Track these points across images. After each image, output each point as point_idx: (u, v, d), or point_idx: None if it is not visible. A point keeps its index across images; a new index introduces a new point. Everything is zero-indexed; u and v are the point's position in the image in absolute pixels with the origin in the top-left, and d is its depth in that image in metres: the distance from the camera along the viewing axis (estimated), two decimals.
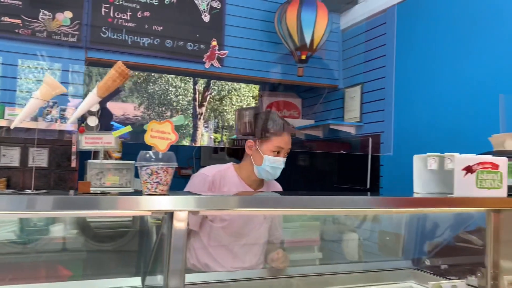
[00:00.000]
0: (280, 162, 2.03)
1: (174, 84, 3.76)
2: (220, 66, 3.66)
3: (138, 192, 1.21)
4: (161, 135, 1.16)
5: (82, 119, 2.60)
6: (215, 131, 4.11)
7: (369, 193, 3.38)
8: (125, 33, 3.30)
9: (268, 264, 2.05)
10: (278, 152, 2.03)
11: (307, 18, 3.47)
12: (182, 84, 3.79)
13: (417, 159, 1.69)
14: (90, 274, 2.00)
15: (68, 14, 3.11)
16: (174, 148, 1.32)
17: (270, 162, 2.01)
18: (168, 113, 3.90)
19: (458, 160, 1.54)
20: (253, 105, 4.35)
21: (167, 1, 3.46)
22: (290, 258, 2.11)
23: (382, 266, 2.21)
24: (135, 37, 3.34)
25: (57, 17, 3.09)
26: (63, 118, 2.98)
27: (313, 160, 4.50)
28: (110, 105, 3.70)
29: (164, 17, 3.44)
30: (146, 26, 3.37)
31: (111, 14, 3.27)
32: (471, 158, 1.56)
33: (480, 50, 2.78)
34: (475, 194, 1.56)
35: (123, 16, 3.30)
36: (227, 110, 4.23)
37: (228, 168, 2.12)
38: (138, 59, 3.39)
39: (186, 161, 5.36)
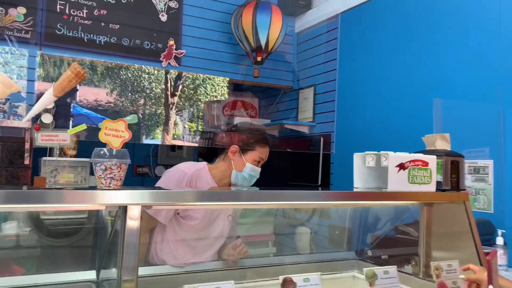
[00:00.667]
0: (258, 172, 2.15)
1: (147, 70, 3.74)
2: (177, 65, 3.72)
3: (92, 187, 1.28)
4: (115, 133, 1.23)
5: (36, 116, 2.61)
6: (190, 120, 4.11)
7: (319, 188, 3.55)
8: (81, 30, 3.30)
9: (227, 255, 2.11)
10: (258, 162, 2.14)
11: (262, 21, 3.59)
12: (156, 72, 3.78)
13: (356, 157, 1.83)
14: (44, 269, 2.02)
15: (22, 10, 3.07)
16: (131, 146, 1.38)
17: (251, 170, 2.12)
18: (142, 101, 3.85)
19: (392, 158, 1.69)
20: (226, 95, 4.42)
21: (124, 0, 3.48)
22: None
23: (329, 257, 2.35)
24: (91, 35, 3.34)
25: (10, 13, 3.04)
26: (15, 114, 2.94)
27: (268, 159, 4.63)
28: (81, 90, 3.65)
29: (121, 16, 3.46)
30: (102, 24, 3.37)
31: (67, 11, 3.26)
32: (404, 156, 1.72)
33: (418, 57, 3.00)
34: (407, 188, 1.72)
35: (79, 13, 3.29)
36: (201, 100, 4.23)
37: (203, 168, 2.16)
38: (95, 56, 3.39)
39: (143, 159, 5.35)
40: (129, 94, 3.89)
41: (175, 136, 4.18)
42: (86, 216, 2.94)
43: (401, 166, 1.71)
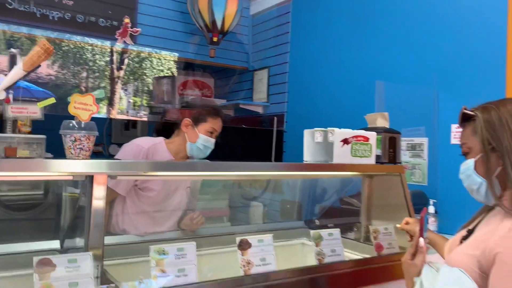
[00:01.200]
0: (212, 143, 2.24)
1: (90, 42, 3.66)
2: (133, 43, 3.72)
3: (62, 157, 1.36)
4: (83, 107, 1.31)
5: None
6: (135, 95, 4.06)
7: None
8: (34, 5, 3.23)
9: (185, 225, 2.23)
10: (211, 133, 2.24)
11: (218, 1, 3.66)
12: (99, 43, 3.70)
13: (306, 133, 2.00)
14: (4, 241, 2.03)
15: None
16: None
17: (204, 141, 2.21)
18: (84, 74, 3.76)
19: (337, 133, 1.88)
20: (174, 69, 4.43)
21: None
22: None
23: (281, 227, 2.54)
24: (44, 10, 3.28)
25: None
26: None
27: (223, 138, 4.75)
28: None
29: None
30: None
31: None
32: (347, 132, 1.91)
33: (364, 43, 3.22)
34: (350, 161, 1.92)
35: None
36: (147, 74, 4.19)
37: (160, 143, 2.24)
38: (47, 32, 3.34)
39: (97, 138, 5.30)
40: (71, 66, 3.79)
41: (119, 111, 4.15)
42: (42, 192, 2.96)
43: (345, 141, 1.90)
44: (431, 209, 2.58)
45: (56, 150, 1.44)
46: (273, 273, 1.56)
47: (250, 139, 4.35)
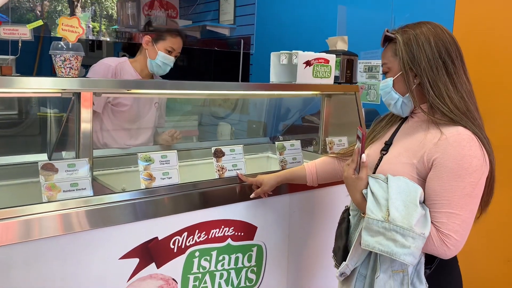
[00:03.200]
0: (170, 60, 2.37)
1: None
2: None
3: (53, 75, 1.49)
4: (70, 29, 1.43)
5: None
6: (93, 20, 3.94)
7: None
8: None
9: (164, 140, 2.43)
10: (170, 52, 2.35)
11: None
12: None
13: (273, 55, 2.17)
14: None
15: None
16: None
17: (163, 58, 2.34)
18: None
19: (301, 56, 2.06)
20: None
21: None
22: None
23: (248, 142, 2.79)
24: None
25: None
26: None
27: (190, 60, 4.82)
28: None
29: None
30: None
31: None
32: (310, 55, 2.09)
33: None
34: (311, 81, 2.13)
35: None
36: None
37: (125, 61, 2.38)
38: None
39: None
40: None
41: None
42: (16, 112, 3.05)
43: (308, 63, 2.09)
44: None
45: None
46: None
47: (217, 61, 4.45)
